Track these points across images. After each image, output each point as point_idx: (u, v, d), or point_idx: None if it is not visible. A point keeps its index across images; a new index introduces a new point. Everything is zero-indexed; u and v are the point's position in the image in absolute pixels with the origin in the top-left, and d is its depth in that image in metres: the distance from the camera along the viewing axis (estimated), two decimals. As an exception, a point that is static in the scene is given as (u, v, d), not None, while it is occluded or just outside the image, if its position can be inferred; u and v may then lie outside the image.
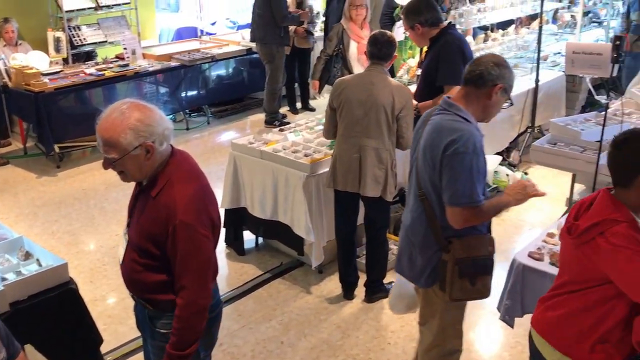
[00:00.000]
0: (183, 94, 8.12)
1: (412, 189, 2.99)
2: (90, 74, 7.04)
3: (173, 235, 2.31)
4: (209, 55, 8.05)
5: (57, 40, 7.53)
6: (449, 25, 4.42)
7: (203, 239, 2.36)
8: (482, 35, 6.96)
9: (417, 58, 6.23)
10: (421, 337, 3.21)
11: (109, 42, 7.97)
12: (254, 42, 7.85)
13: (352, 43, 5.85)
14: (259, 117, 8.39)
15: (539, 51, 6.58)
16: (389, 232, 4.67)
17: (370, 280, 4.39)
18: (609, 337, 2.33)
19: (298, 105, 8.65)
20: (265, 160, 4.65)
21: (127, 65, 7.42)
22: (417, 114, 4.11)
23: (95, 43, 7.89)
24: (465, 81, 2.81)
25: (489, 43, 6.83)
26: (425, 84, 4.40)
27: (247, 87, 8.96)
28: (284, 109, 8.44)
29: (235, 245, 5.05)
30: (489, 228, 2.91)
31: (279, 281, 4.70)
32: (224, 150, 6.33)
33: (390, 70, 6.17)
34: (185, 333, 2.39)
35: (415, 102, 4.27)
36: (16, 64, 6.82)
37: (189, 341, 2.40)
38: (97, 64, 7.54)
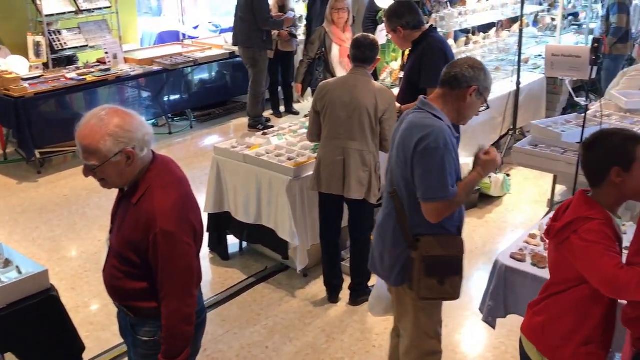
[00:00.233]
0: (165, 98, 8.07)
1: (387, 187, 3.03)
2: (71, 79, 6.98)
3: (154, 244, 2.29)
4: (192, 59, 8.02)
5: (37, 45, 7.45)
6: (431, 28, 4.46)
7: (185, 247, 2.34)
8: (464, 39, 7.00)
9: (399, 61, 6.26)
10: (401, 339, 3.21)
11: (90, 47, 7.89)
12: (236, 45, 7.84)
13: (334, 46, 5.86)
14: (242, 121, 8.37)
15: (520, 54, 6.63)
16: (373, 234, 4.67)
17: (354, 283, 4.39)
18: (592, 338, 2.36)
19: (282, 108, 8.65)
20: (248, 164, 4.64)
21: (108, 69, 7.37)
22: (400, 116, 4.11)
23: (76, 47, 7.81)
24: (441, 82, 2.84)
25: (471, 46, 6.88)
26: (408, 87, 4.42)
27: (230, 91, 8.92)
28: (267, 113, 8.42)
29: (219, 250, 5.03)
30: (460, 230, 2.92)
31: (263, 285, 4.68)
32: (207, 154, 6.31)
33: (374, 73, 6.21)
34: (174, 341, 2.38)
35: (399, 105, 4.28)
36: (-5, 69, 6.75)
37: (179, 348, 2.39)
38: (78, 68, 7.46)
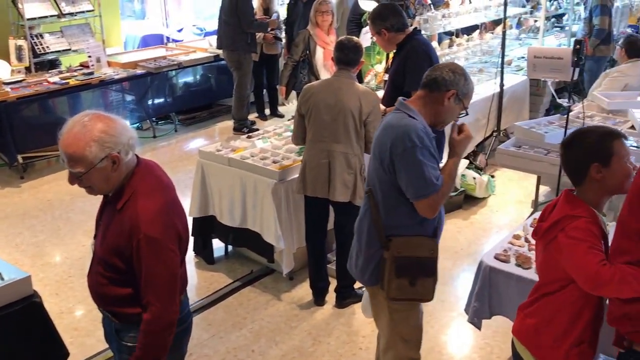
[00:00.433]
0: (150, 102, 8.03)
1: (365, 186, 3.06)
2: (54, 83, 6.92)
3: (137, 250, 2.27)
4: (176, 63, 7.99)
5: (19, 49, 7.38)
6: (415, 30, 4.47)
7: (169, 253, 2.32)
8: (447, 41, 7.04)
9: (384, 63, 6.27)
10: (381, 339, 3.21)
11: (73, 50, 7.83)
12: (220, 49, 7.82)
13: (318, 49, 5.87)
14: (227, 124, 8.35)
15: (503, 56, 6.68)
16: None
17: (340, 286, 4.39)
18: (583, 338, 2.38)
19: (267, 111, 8.64)
20: (233, 167, 4.62)
21: (91, 73, 7.32)
22: (384, 118, 4.14)
23: (59, 51, 7.75)
24: (422, 85, 2.87)
25: (454, 48, 6.91)
26: (393, 89, 4.43)
27: (215, 94, 8.90)
28: (252, 116, 8.41)
29: (204, 254, 5.00)
30: (435, 232, 2.93)
31: (249, 289, 4.66)
32: (192, 158, 6.28)
33: (358, 75, 6.22)
34: (150, 349, 2.35)
35: (384, 107, 4.29)
36: (-23, 73, 6.69)
37: (154, 357, 2.36)
38: (61, 72, 7.41)
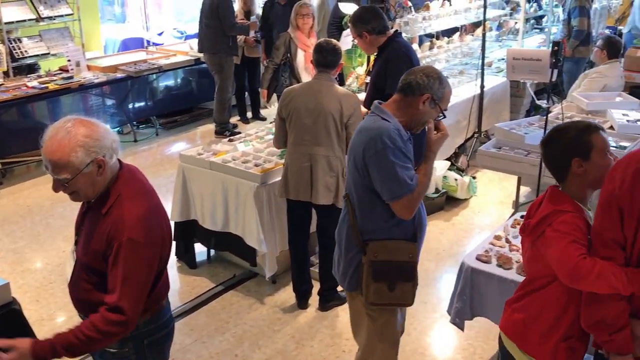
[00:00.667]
0: (130, 106, 7.99)
1: (344, 190, 3.04)
2: (33, 87, 6.85)
3: (117, 251, 2.24)
4: (156, 66, 7.94)
5: (-3, 53, 7.31)
6: (396, 33, 4.48)
7: (148, 259, 2.31)
8: (428, 43, 7.06)
9: (365, 66, 6.29)
10: (359, 346, 3.17)
11: (52, 54, 7.74)
12: (202, 52, 7.79)
13: (299, 52, 5.87)
14: (209, 128, 8.32)
15: (483, 58, 6.73)
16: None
17: (324, 289, 4.39)
18: (571, 332, 2.40)
19: (249, 114, 8.62)
20: (214, 171, 4.60)
21: (71, 77, 7.26)
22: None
23: (38, 55, 7.64)
24: (398, 89, 2.86)
25: (435, 50, 6.94)
26: (375, 92, 4.44)
27: (196, 98, 8.87)
28: (234, 119, 8.39)
29: (187, 258, 4.97)
30: (415, 236, 2.90)
31: (232, 293, 4.64)
32: (174, 162, 6.24)
33: (340, 78, 6.23)
34: (89, 345, 2.27)
35: (365, 110, 4.30)
36: (-47, 78, 6.59)
37: (83, 352, 2.31)
38: (39, 76, 7.33)
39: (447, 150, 6.44)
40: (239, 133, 6.00)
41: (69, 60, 7.44)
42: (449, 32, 7.67)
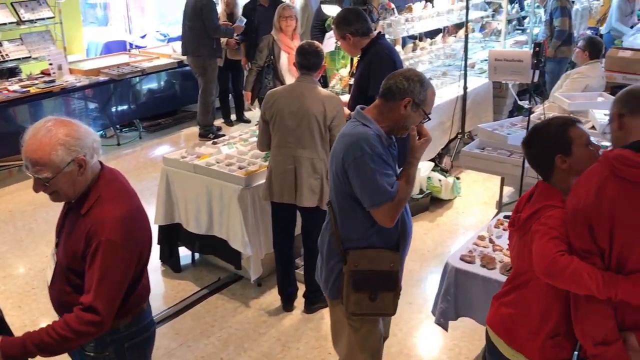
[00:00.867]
0: (113, 109, 7.93)
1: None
2: (14, 91, 6.78)
3: (95, 251, 2.23)
4: (139, 69, 7.90)
5: (-23, 57, 7.24)
6: (379, 35, 4.50)
7: (125, 260, 2.30)
8: (411, 45, 7.09)
9: (348, 68, 6.29)
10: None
11: (34, 58, 7.66)
12: (185, 55, 7.76)
13: (282, 54, 5.86)
14: (193, 131, 8.29)
15: (466, 59, 6.76)
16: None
17: (309, 291, 4.38)
18: (558, 330, 2.40)
19: (233, 117, 8.60)
20: (198, 174, 4.58)
21: (53, 81, 7.20)
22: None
23: (19, 59, 7.58)
24: (379, 94, 2.81)
25: (418, 52, 6.97)
26: (358, 94, 4.45)
27: (180, 100, 8.83)
28: (218, 122, 8.37)
29: (171, 262, 4.95)
30: (397, 245, 2.83)
31: (217, 296, 4.63)
32: (157, 165, 6.21)
33: (324, 80, 6.24)
34: (63, 344, 2.24)
35: (349, 112, 4.30)
36: None
37: (57, 351, 2.27)
38: (21, 80, 7.26)
39: (431, 151, 6.46)
40: (223, 136, 5.99)
41: (50, 64, 7.37)
42: (432, 34, 7.71)
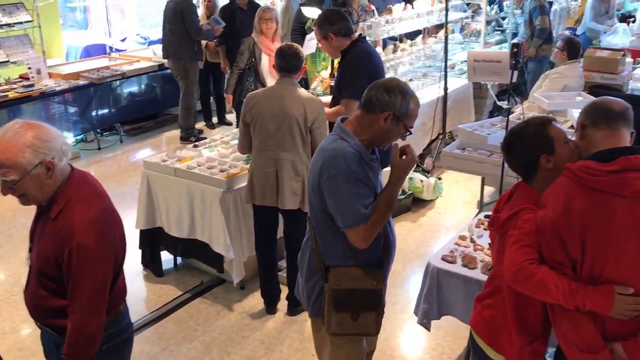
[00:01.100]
0: (93, 113, 7.89)
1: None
2: (-8, 96, 6.73)
3: (69, 257, 2.25)
4: (119, 72, 7.85)
5: (-46, 61, 7.15)
6: (360, 37, 4.50)
7: (101, 262, 2.31)
8: (392, 46, 7.11)
9: (329, 69, 6.30)
10: None
11: (12, 62, 7.59)
12: (167, 58, 7.73)
13: (263, 56, 5.86)
14: (174, 134, 8.24)
15: (446, 60, 6.80)
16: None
17: (292, 293, 4.37)
18: (534, 335, 2.42)
19: (214, 119, 8.58)
20: (179, 177, 4.56)
21: (32, 85, 7.13)
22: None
23: (-4, 63, 7.54)
24: (360, 105, 2.68)
25: (398, 53, 6.99)
26: (338, 95, 4.46)
27: (161, 104, 8.80)
28: (200, 124, 8.34)
29: (153, 266, 4.92)
30: (381, 261, 2.72)
31: (199, 300, 4.61)
32: (139, 169, 6.14)
33: (305, 82, 6.23)
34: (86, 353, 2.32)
35: (329, 110, 4.32)
36: None
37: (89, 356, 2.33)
38: (-1, 85, 7.22)
39: (412, 152, 6.48)
40: (205, 139, 5.96)
41: (29, 68, 7.31)
42: (412, 35, 7.74)
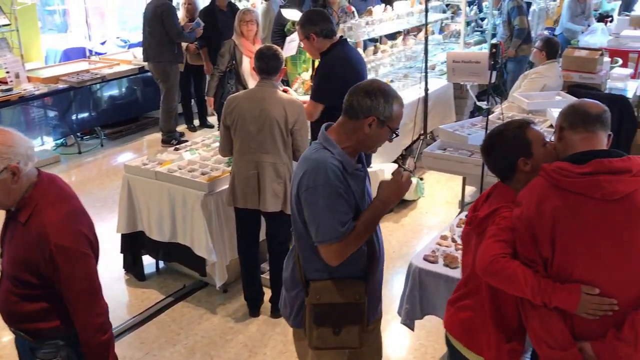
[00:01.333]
0: (73, 117, 7.82)
1: None
2: (-30, 101, 6.65)
3: (52, 261, 2.26)
4: (99, 76, 7.79)
5: None
6: (340, 40, 4.49)
7: (84, 258, 2.34)
8: (372, 48, 7.14)
9: (310, 71, 6.31)
10: None
11: (-11, 66, 7.53)
12: (147, 61, 7.68)
13: (244, 59, 5.85)
14: (155, 137, 8.20)
15: (427, 61, 6.83)
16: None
17: (275, 296, 4.37)
18: (510, 335, 2.44)
19: (196, 122, 8.54)
20: (160, 181, 4.54)
21: (10, 89, 7.04)
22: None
23: (-26, 67, 7.44)
24: (342, 110, 2.57)
25: (379, 55, 7.02)
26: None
27: (142, 107, 8.75)
28: (181, 127, 8.30)
29: (135, 270, 4.89)
30: (365, 273, 2.62)
31: (182, 304, 4.59)
32: (120, 172, 6.09)
33: (286, 84, 6.23)
34: (94, 354, 2.39)
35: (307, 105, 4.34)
36: None
37: (102, 357, 2.41)
38: (-23, 89, 7.12)
39: (393, 152, 6.52)
40: (186, 141, 5.94)
41: (7, 72, 7.21)
42: (392, 36, 7.78)
